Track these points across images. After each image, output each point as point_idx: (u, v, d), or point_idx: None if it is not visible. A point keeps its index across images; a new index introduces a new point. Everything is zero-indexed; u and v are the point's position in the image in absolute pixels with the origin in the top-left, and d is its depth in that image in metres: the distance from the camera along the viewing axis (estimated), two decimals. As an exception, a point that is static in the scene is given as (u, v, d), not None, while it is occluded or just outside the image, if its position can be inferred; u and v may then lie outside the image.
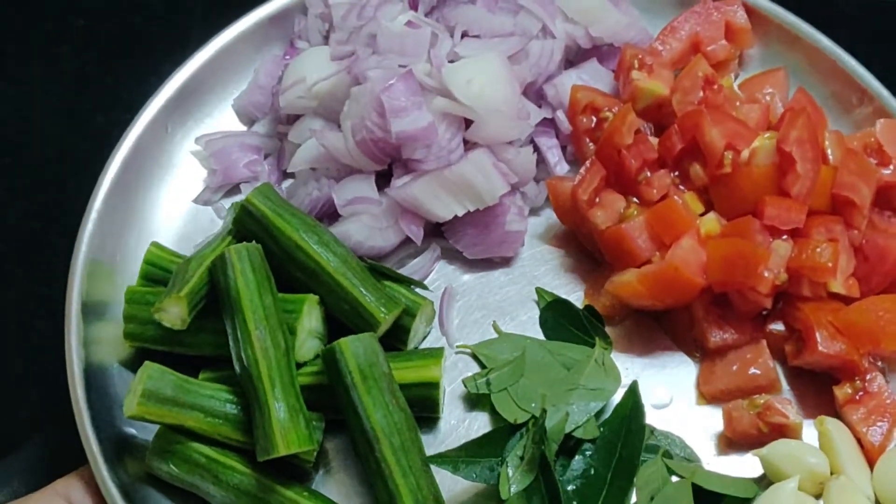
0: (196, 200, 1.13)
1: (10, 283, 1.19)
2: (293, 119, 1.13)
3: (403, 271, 1.08)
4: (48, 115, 1.27)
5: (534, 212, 1.13)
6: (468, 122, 1.07)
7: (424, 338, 1.07)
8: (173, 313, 0.99)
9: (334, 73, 1.09)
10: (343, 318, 1.02)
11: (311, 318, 1.00)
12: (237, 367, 0.97)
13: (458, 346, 1.06)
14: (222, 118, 1.17)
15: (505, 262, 1.11)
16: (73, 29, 1.32)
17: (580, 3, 1.14)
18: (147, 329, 1.01)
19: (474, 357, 1.06)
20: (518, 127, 1.08)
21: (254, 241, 1.02)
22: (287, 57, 1.17)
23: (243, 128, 1.17)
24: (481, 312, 1.08)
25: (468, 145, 1.07)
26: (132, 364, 1.03)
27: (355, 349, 0.97)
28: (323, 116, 1.10)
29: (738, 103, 1.09)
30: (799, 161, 1.00)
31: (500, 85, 1.07)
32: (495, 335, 1.07)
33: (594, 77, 1.14)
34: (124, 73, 1.29)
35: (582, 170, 1.06)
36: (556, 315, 1.06)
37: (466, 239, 1.09)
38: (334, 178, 1.09)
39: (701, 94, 1.08)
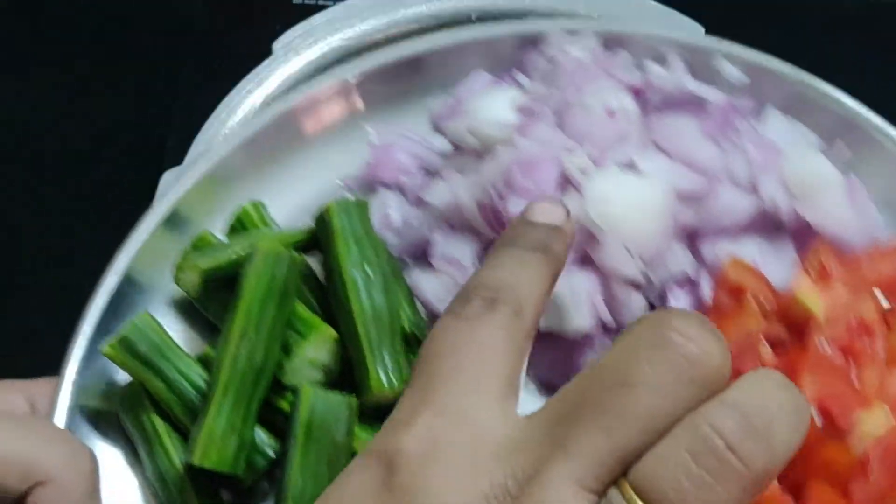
0: (341, 181, 1.08)
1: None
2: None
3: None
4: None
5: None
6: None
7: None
8: (188, 278, 0.96)
9: (508, 125, 1.00)
10: (353, 367, 0.95)
11: (318, 349, 0.94)
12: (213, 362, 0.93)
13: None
14: (419, 116, 1.10)
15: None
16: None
17: (807, 175, 0.98)
18: (190, 278, 0.99)
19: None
20: (641, 269, 0.95)
21: (307, 251, 0.97)
22: (499, 82, 1.08)
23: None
24: None
25: (585, 259, 0.96)
26: (164, 305, 1.01)
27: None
28: (474, 159, 1.02)
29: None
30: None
31: (646, 217, 0.94)
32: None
33: (772, 254, 0.98)
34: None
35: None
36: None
37: (540, 355, 0.97)
38: (449, 226, 1.01)
39: (847, 337, 0.91)
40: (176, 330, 1.00)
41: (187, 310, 1.01)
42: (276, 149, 1.08)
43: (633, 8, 1.14)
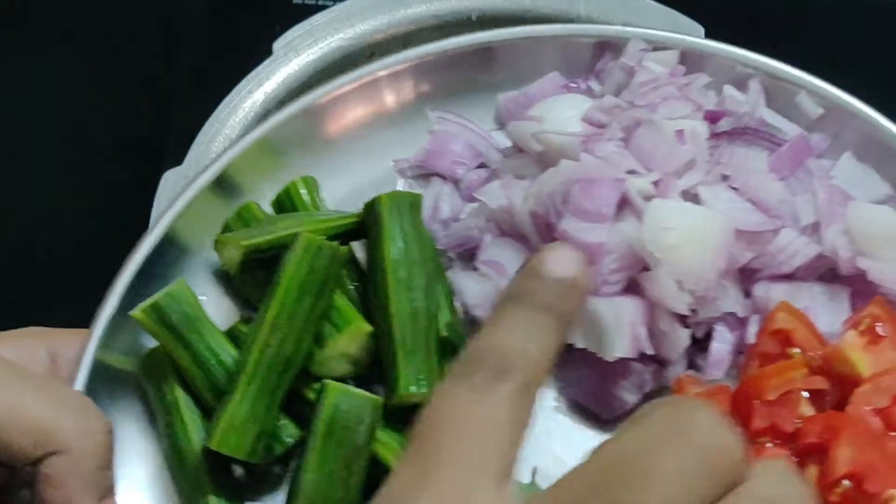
0: (395, 164, 1.06)
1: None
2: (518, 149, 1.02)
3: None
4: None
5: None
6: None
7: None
8: (228, 253, 0.94)
9: (573, 135, 0.97)
10: (384, 366, 0.93)
11: (351, 343, 0.92)
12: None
13: (482, 464, 0.94)
14: (486, 109, 1.08)
15: (604, 420, 0.96)
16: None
17: (872, 227, 0.94)
18: (230, 254, 0.96)
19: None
20: (689, 303, 0.92)
21: (354, 238, 0.95)
22: (572, 85, 1.05)
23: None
24: (539, 449, 0.93)
25: (633, 285, 0.93)
26: (204, 270, 1.00)
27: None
28: (534, 164, 0.99)
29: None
30: None
31: (703, 251, 0.91)
32: (526, 480, 0.93)
33: (826, 303, 0.95)
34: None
35: (710, 387, 0.91)
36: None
37: (574, 373, 0.96)
38: (499, 231, 0.99)
39: (891, 405, 0.88)
40: (212, 296, 0.99)
41: (226, 277, 1.00)
42: (335, 124, 1.05)
43: (634, 8, 1.11)
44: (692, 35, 1.08)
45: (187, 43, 1.22)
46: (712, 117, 1.00)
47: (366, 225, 0.96)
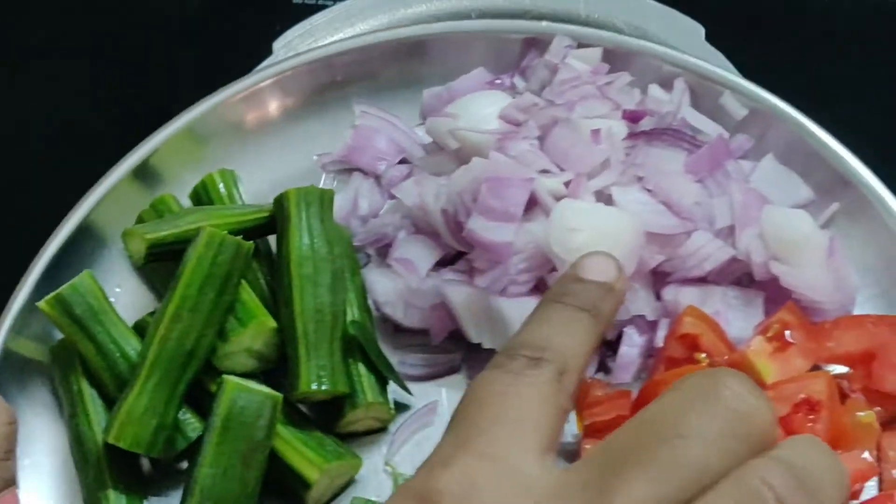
0: (318, 159, 1.05)
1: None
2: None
3: (406, 360, 0.96)
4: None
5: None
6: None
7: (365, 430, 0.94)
8: (134, 246, 0.94)
9: (489, 132, 0.97)
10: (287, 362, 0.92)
11: (255, 338, 0.92)
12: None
13: (387, 465, 0.94)
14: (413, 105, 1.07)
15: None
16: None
17: (788, 232, 0.93)
18: (136, 246, 0.95)
19: (395, 484, 0.93)
20: (596, 306, 0.91)
21: (268, 233, 0.96)
22: (497, 81, 1.05)
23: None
24: None
25: (543, 286, 0.93)
26: (121, 261, 1.00)
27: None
28: (451, 161, 0.98)
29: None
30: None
31: (612, 253, 0.90)
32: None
33: (738, 308, 0.94)
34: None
35: (611, 392, 0.90)
36: None
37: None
38: (414, 228, 0.98)
39: (791, 412, 0.88)
40: (128, 287, 0.99)
41: (143, 268, 0.99)
42: (259, 116, 1.05)
43: (634, 8, 1.10)
44: (692, 35, 1.08)
45: (187, 43, 1.22)
46: (633, 117, 0.99)
47: (276, 219, 0.95)
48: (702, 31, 1.10)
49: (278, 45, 1.09)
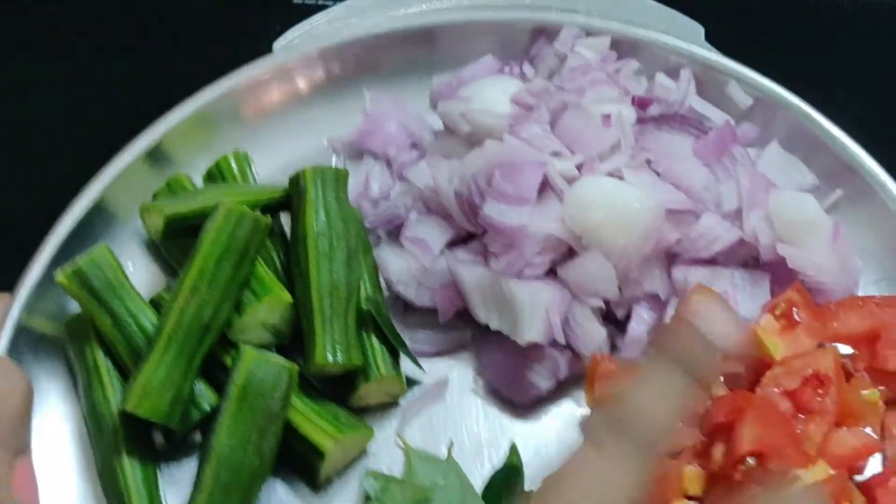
0: (329, 143, 1.07)
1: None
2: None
3: (417, 336, 0.97)
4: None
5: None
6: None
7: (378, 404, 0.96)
8: (152, 221, 0.95)
9: (502, 116, 0.98)
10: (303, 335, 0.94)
11: (271, 312, 0.93)
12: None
13: (399, 437, 0.95)
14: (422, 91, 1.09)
15: (518, 404, 0.96)
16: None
17: (794, 215, 0.95)
18: (154, 221, 0.97)
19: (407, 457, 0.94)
20: (615, 286, 0.93)
21: (281, 211, 0.96)
22: (505, 69, 1.06)
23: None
24: (455, 426, 0.95)
25: (552, 272, 0.94)
26: (134, 239, 1.01)
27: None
28: (463, 145, 1.00)
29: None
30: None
31: (628, 231, 0.92)
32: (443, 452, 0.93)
33: (746, 288, 0.96)
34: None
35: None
36: (503, 480, 0.93)
37: (490, 357, 0.96)
38: (425, 208, 0.99)
39: (800, 388, 0.89)
40: (139, 264, 1.00)
41: (155, 246, 1.00)
42: (271, 100, 1.06)
43: (633, 7, 1.11)
44: (692, 35, 1.09)
45: (187, 43, 1.23)
46: (641, 103, 1.00)
47: (291, 197, 0.96)
48: (701, 31, 1.11)
49: (278, 45, 1.10)
